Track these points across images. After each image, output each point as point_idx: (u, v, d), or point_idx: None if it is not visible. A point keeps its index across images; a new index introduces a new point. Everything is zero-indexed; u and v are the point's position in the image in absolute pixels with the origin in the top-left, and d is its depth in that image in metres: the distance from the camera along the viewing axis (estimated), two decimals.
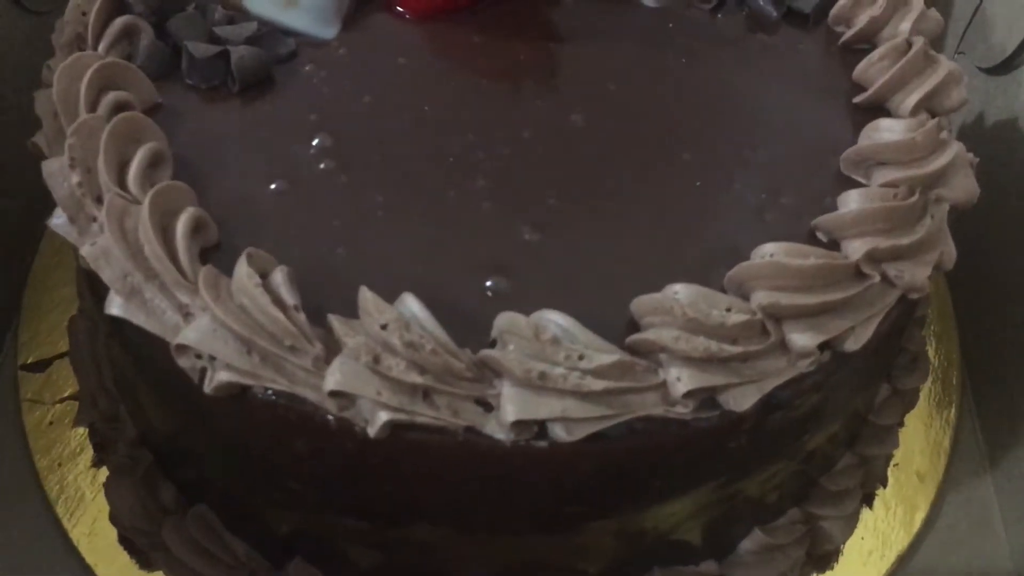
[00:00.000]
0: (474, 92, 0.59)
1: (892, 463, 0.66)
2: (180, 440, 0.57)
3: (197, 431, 0.54)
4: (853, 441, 0.62)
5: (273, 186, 0.53)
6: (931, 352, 0.72)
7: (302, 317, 0.46)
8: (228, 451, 0.53)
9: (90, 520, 0.62)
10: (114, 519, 0.61)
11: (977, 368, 0.73)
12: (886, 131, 0.56)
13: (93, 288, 0.51)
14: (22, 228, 0.75)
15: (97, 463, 0.65)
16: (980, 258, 0.70)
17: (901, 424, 0.66)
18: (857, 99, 0.59)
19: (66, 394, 0.67)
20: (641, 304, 0.48)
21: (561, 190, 0.54)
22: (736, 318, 0.47)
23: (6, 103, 0.72)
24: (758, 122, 0.59)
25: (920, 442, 0.68)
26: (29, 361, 0.69)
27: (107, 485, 0.62)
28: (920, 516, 0.65)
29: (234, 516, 0.57)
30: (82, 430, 0.65)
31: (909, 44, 0.59)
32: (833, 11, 0.63)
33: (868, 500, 0.65)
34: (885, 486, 0.65)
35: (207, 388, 0.46)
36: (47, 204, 0.52)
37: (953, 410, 0.70)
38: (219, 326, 0.46)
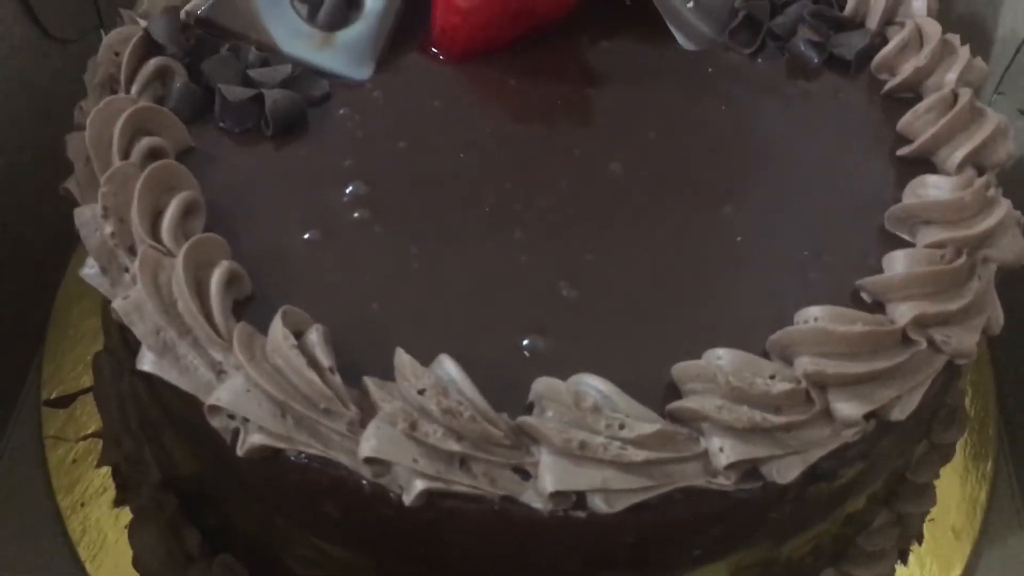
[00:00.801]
0: (511, 138, 0.58)
1: (927, 518, 0.65)
2: (207, 488, 0.57)
3: (225, 483, 0.53)
4: (890, 498, 0.61)
5: (307, 236, 0.52)
6: (967, 402, 0.71)
7: (337, 379, 0.45)
8: (257, 505, 0.52)
9: (113, 564, 0.61)
10: (137, 564, 0.60)
11: (1015, 419, 0.72)
12: (932, 188, 0.54)
13: (124, 339, 0.50)
14: (46, 259, 0.74)
15: (119, 502, 0.64)
16: (1017, 305, 0.69)
17: (937, 477, 0.65)
18: (902, 152, 0.58)
19: (90, 431, 0.67)
20: (683, 370, 0.47)
21: (599, 244, 0.53)
22: (780, 387, 0.46)
23: (31, 133, 0.72)
24: (800, 174, 0.57)
25: (955, 496, 0.67)
26: (53, 396, 0.68)
27: (131, 529, 0.61)
28: (955, 574, 0.64)
29: (260, 567, 0.56)
30: (105, 468, 0.65)
31: (956, 95, 0.58)
32: (876, 59, 0.62)
33: (903, 556, 0.64)
34: (920, 543, 0.64)
35: (240, 451, 0.45)
36: (71, 236, 0.52)
37: (990, 463, 0.69)
38: (253, 387, 0.45)
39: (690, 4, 0.63)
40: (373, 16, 0.60)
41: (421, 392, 0.44)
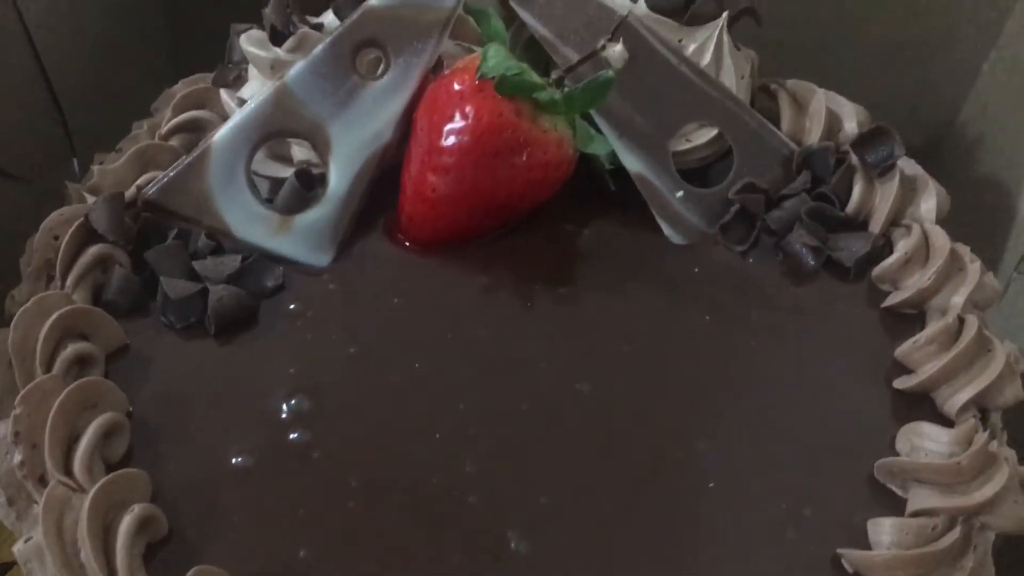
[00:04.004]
0: (472, 347, 0.53)
1: None
2: None
3: None
4: None
5: (238, 460, 0.48)
6: None
7: None
8: None
9: None
10: None
11: None
12: (928, 439, 0.49)
13: None
14: None
15: None
16: None
17: None
18: (899, 384, 0.53)
19: None
20: None
21: (557, 484, 0.48)
22: None
23: None
24: (786, 403, 0.52)
25: None
26: None
27: None
28: None
29: None
30: None
31: (961, 323, 0.53)
32: (877, 269, 0.57)
33: None
34: None
35: None
36: None
37: None
38: None
39: (680, 194, 0.59)
40: (335, 200, 0.56)
41: None
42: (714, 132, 0.61)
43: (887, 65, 0.83)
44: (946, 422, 0.51)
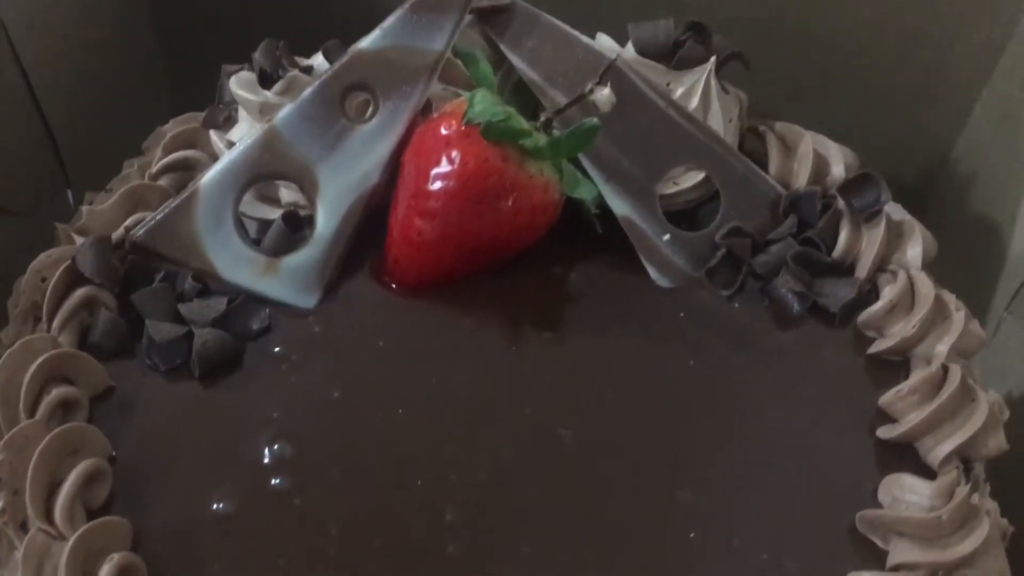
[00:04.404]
0: (456, 392, 0.53)
1: None
2: None
3: None
4: None
5: (219, 506, 0.48)
6: None
7: None
8: None
9: None
10: None
11: None
12: (909, 492, 0.49)
13: None
14: None
15: None
16: None
17: None
18: (883, 434, 0.52)
19: None
20: None
21: (538, 534, 0.48)
22: None
23: None
24: (768, 452, 0.52)
25: None
26: None
27: None
28: None
29: None
30: None
31: (945, 372, 0.53)
32: (863, 316, 0.57)
33: None
34: None
35: None
36: None
37: None
38: None
39: (666, 237, 0.59)
40: (322, 241, 0.56)
41: None
42: (701, 175, 0.61)
43: (881, 103, 0.83)
44: (929, 472, 0.51)
